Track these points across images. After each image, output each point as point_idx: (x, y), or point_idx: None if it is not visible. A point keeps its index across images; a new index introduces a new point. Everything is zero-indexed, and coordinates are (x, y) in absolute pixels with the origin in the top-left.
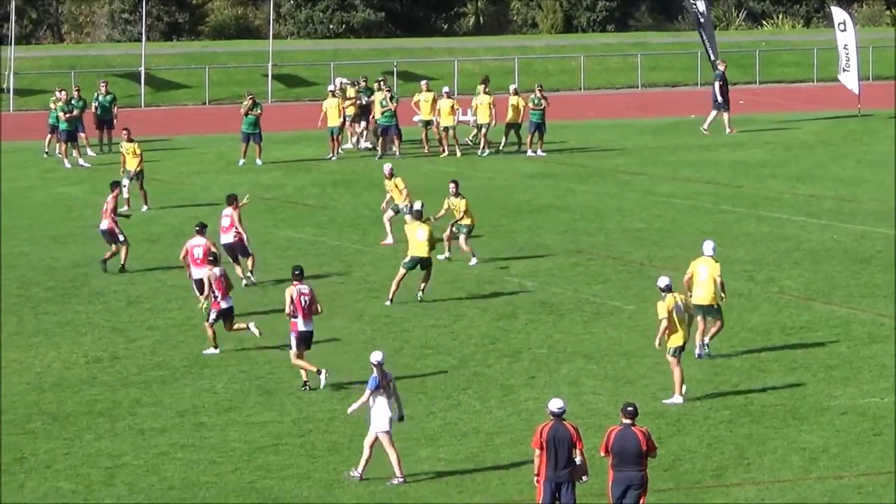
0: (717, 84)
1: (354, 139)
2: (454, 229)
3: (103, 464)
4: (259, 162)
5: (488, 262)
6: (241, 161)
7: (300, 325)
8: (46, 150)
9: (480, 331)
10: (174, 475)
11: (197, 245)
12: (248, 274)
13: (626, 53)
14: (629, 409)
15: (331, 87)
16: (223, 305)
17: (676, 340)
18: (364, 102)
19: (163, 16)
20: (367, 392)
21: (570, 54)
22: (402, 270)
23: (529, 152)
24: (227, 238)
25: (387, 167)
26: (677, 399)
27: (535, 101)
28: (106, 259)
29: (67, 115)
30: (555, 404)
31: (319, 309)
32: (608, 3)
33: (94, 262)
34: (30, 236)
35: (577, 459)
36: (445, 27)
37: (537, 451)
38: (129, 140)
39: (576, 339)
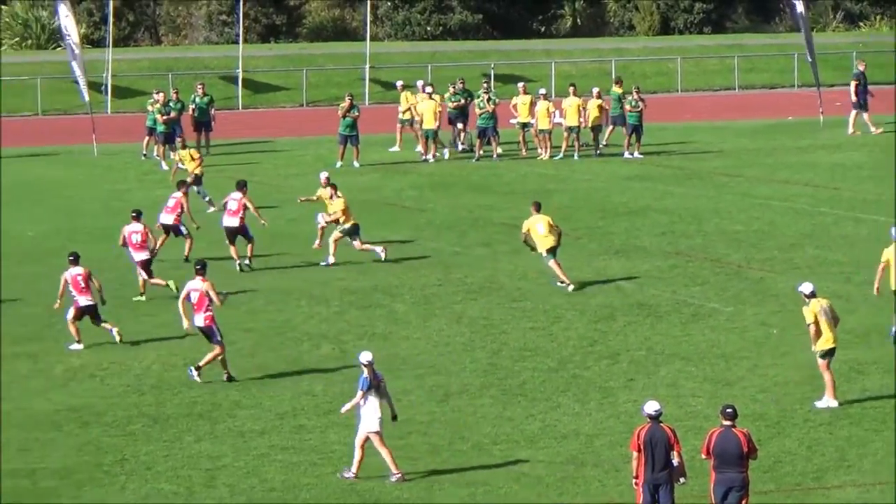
0: (853, 84)
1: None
2: (339, 232)
3: (204, 465)
4: (356, 164)
5: (586, 264)
6: (339, 163)
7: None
8: (144, 152)
9: (578, 333)
10: (275, 477)
11: (135, 231)
12: (246, 259)
13: (723, 55)
14: (728, 410)
15: (428, 90)
16: (81, 304)
17: (824, 344)
18: (462, 104)
19: (260, 18)
20: (360, 392)
21: (666, 56)
22: (550, 264)
23: (626, 154)
24: (232, 221)
25: (323, 175)
26: (832, 402)
27: (633, 104)
28: (156, 249)
29: (165, 118)
30: (651, 407)
31: (210, 306)
32: (705, 4)
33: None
34: None
35: (675, 461)
36: (542, 29)
37: (635, 454)
38: (184, 147)
39: (674, 341)
